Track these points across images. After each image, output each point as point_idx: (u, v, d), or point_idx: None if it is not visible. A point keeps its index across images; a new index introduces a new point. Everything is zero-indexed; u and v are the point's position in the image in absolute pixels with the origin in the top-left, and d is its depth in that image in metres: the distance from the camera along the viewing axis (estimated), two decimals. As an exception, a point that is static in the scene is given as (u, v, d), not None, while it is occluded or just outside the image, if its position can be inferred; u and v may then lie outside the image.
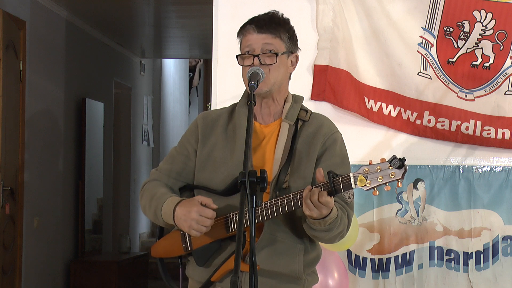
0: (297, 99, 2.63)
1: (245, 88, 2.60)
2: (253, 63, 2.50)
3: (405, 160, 2.25)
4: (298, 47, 2.63)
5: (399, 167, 2.24)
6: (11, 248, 5.70)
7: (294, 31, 2.61)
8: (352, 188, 2.29)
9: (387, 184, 2.26)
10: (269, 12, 2.59)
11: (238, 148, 2.54)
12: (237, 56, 2.56)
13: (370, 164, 2.28)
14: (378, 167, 2.26)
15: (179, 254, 2.64)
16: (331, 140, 2.56)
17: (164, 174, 2.65)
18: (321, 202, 2.31)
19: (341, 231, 2.49)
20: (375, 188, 2.27)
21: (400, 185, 2.27)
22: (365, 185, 2.26)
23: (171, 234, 2.66)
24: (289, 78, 2.63)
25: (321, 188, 2.32)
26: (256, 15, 2.60)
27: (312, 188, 2.34)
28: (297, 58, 2.62)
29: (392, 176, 2.25)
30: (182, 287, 2.65)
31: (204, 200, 2.47)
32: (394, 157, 2.25)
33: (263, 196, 2.48)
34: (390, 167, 2.25)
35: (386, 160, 2.27)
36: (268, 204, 2.41)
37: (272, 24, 2.53)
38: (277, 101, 2.59)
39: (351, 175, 2.28)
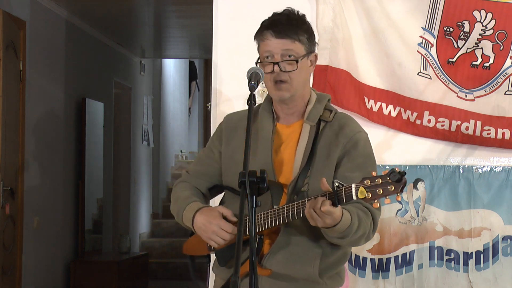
0: (321, 99, 2.58)
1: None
2: (273, 70, 2.44)
3: (405, 173, 2.19)
4: (316, 43, 2.55)
5: (397, 181, 2.19)
6: (11, 248, 5.70)
7: (312, 29, 2.53)
8: (353, 199, 2.23)
9: (386, 197, 2.22)
10: (284, 10, 2.50)
11: (260, 150, 2.52)
12: (256, 62, 2.49)
13: (373, 175, 2.23)
14: (379, 179, 2.21)
15: (205, 253, 2.68)
16: (352, 142, 2.50)
17: (193, 175, 2.71)
18: (324, 211, 2.26)
19: (362, 234, 2.43)
20: (376, 200, 2.23)
21: (399, 198, 2.23)
22: (365, 197, 2.22)
23: None
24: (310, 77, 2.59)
25: (326, 196, 2.28)
26: (272, 14, 2.50)
27: (318, 196, 2.29)
28: (316, 57, 2.55)
29: (391, 189, 2.20)
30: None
31: (225, 212, 2.50)
32: (393, 170, 2.20)
33: (281, 199, 2.46)
34: (389, 180, 2.19)
35: (386, 173, 2.22)
36: (285, 208, 2.38)
37: (291, 27, 2.45)
38: (299, 102, 2.54)
39: (353, 186, 2.23)
